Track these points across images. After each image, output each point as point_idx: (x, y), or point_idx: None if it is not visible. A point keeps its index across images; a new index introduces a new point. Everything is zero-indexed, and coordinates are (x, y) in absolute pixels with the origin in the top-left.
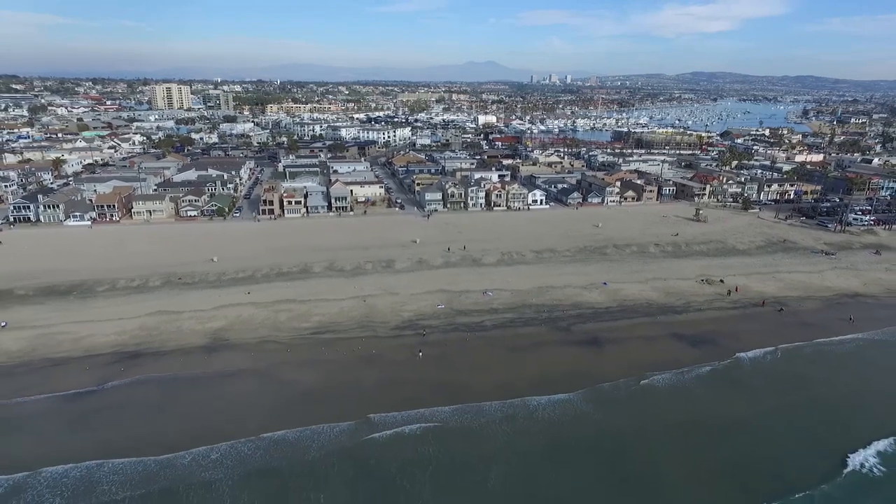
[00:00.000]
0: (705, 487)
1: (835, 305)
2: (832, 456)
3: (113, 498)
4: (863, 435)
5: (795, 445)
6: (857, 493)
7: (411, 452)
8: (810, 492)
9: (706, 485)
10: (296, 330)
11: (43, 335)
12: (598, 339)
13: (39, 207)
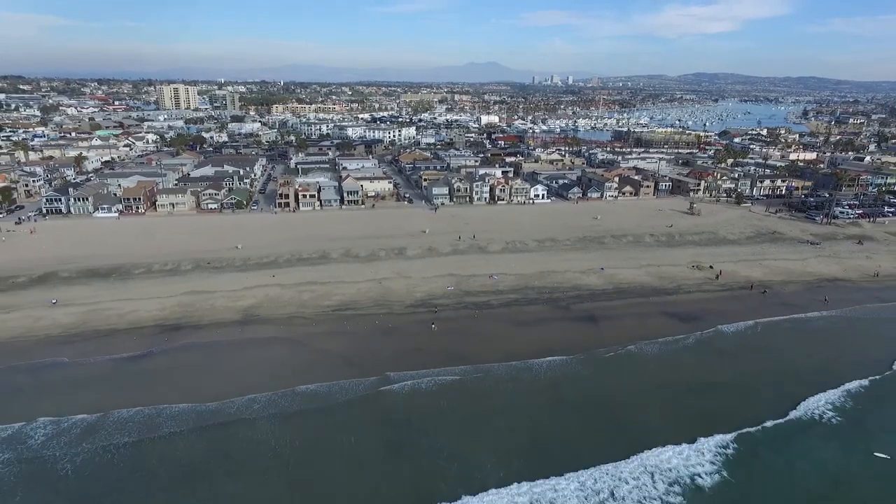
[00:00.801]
0: (678, 426)
1: (815, 288)
2: (788, 402)
3: (174, 431)
4: (818, 387)
5: (759, 395)
6: (804, 426)
7: (425, 402)
8: (764, 425)
9: (680, 424)
10: (319, 307)
11: (91, 311)
12: (595, 316)
13: (70, 200)
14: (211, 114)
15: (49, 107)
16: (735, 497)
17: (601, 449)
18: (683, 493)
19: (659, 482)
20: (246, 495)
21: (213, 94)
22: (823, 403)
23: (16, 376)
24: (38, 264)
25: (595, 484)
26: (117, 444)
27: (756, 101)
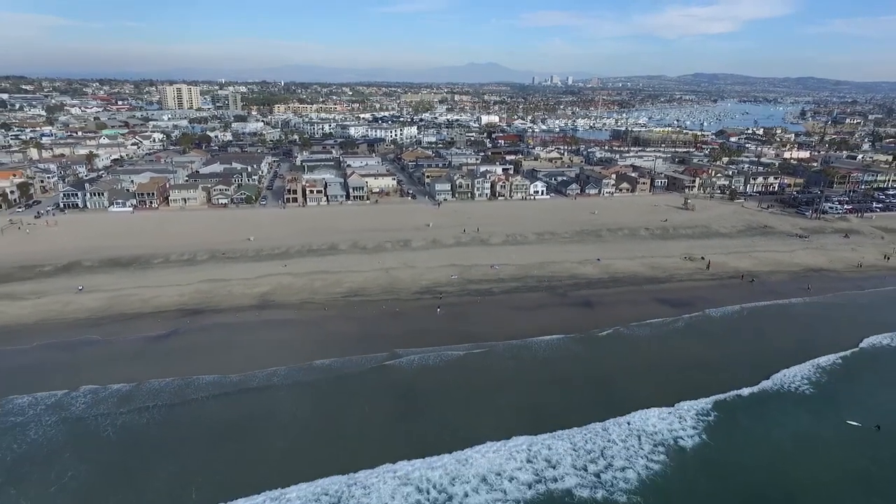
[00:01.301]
0: (663, 393)
1: (800, 278)
2: (764, 373)
3: (203, 397)
4: (792, 361)
5: (739, 368)
6: (780, 396)
7: (431, 373)
8: (741, 394)
9: (664, 391)
10: (330, 294)
11: (115, 296)
12: (591, 302)
13: (86, 195)
14: (214, 113)
15: (54, 106)
16: (714, 457)
17: (592, 410)
18: (667, 453)
19: (645, 444)
20: (270, 448)
21: (215, 95)
22: (797, 376)
23: (55, 352)
24: (62, 254)
25: (586, 445)
26: (153, 408)
27: (755, 102)
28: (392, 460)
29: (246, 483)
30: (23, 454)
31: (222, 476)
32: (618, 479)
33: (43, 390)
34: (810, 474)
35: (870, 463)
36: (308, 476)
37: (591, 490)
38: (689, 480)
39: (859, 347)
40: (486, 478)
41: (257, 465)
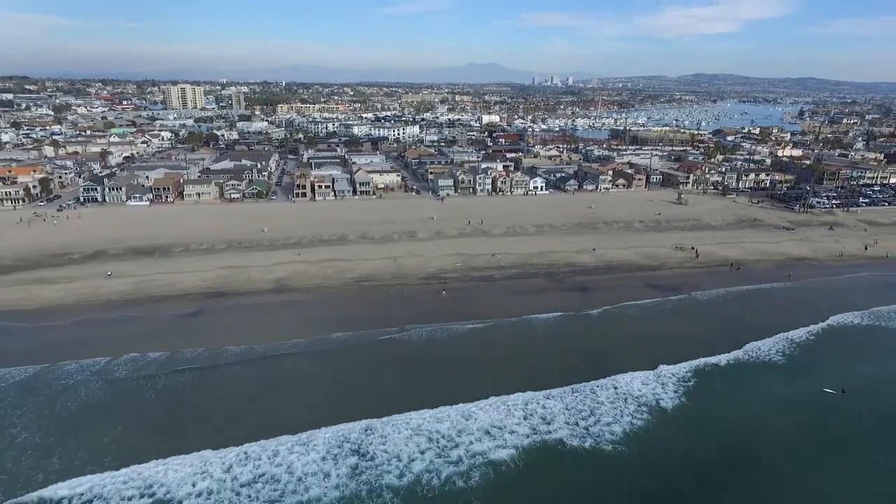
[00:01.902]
0: (647, 359)
1: (783, 266)
2: (736, 343)
3: (232, 363)
4: (765, 335)
5: (718, 340)
6: (755, 366)
7: (438, 345)
8: (719, 363)
9: (648, 358)
10: (342, 279)
11: (142, 281)
12: (586, 287)
13: (105, 189)
14: (218, 113)
15: (61, 106)
16: (691, 415)
17: (583, 375)
18: (649, 412)
19: (630, 405)
20: (295, 402)
21: (218, 95)
22: (769, 348)
23: (94, 327)
24: (88, 244)
25: (577, 405)
26: (188, 372)
27: (754, 102)
28: (404, 411)
29: (276, 427)
30: (77, 410)
31: (255, 423)
32: (604, 431)
33: (88, 358)
34: (779, 430)
35: (834, 421)
36: (330, 424)
37: (580, 440)
38: (668, 435)
39: (827, 323)
40: (489, 431)
41: (284, 415)
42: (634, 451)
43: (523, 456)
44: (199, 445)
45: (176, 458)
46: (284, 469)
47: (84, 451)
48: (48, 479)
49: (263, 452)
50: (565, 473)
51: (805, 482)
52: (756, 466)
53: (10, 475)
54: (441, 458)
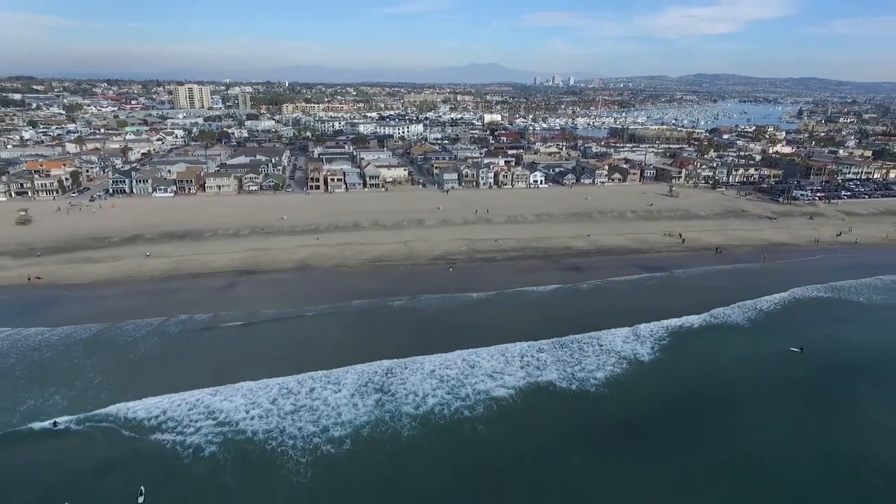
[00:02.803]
0: (628, 319)
1: (762, 250)
2: (708, 309)
3: (267, 322)
4: (731, 302)
5: (691, 306)
6: (717, 325)
7: (447, 310)
8: (693, 326)
9: (629, 318)
10: (358, 260)
11: (178, 261)
12: (580, 267)
13: (133, 182)
14: (226, 112)
15: (73, 106)
16: (665, 366)
17: (571, 330)
18: (629, 363)
19: (612, 357)
20: (325, 348)
21: (225, 94)
22: (735, 312)
23: (143, 297)
24: (124, 229)
25: (566, 357)
26: (230, 329)
27: (755, 102)
28: (418, 354)
29: (311, 367)
30: (142, 355)
31: (292, 364)
32: (588, 377)
33: (144, 318)
34: (742, 378)
35: (792, 371)
36: (357, 363)
37: (567, 383)
38: (644, 381)
39: (789, 294)
40: (491, 374)
41: (317, 358)
42: (614, 393)
43: (519, 394)
44: (246, 379)
45: (227, 386)
46: (321, 402)
47: (151, 383)
48: (125, 399)
49: (301, 388)
50: (554, 408)
51: (763, 417)
52: (721, 405)
53: (92, 397)
54: (450, 395)
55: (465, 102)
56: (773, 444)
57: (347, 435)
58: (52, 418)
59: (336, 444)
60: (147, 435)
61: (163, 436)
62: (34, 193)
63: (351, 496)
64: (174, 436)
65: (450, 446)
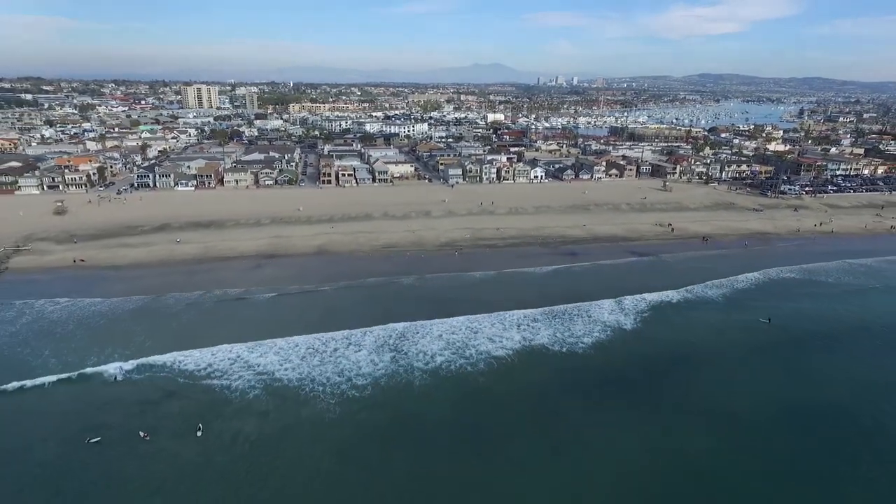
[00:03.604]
0: (614, 293)
1: (745, 238)
2: (684, 285)
3: (293, 294)
4: (712, 280)
5: (672, 283)
6: (692, 299)
7: (453, 287)
8: (672, 301)
9: (615, 292)
10: (371, 246)
11: (206, 246)
12: (575, 252)
13: (156, 176)
14: (235, 112)
15: (86, 106)
16: (645, 334)
17: (563, 301)
18: (613, 331)
19: (598, 325)
20: (348, 313)
21: (232, 95)
22: (714, 289)
23: (178, 276)
24: (153, 219)
25: (557, 325)
26: (261, 301)
27: (758, 102)
28: (427, 319)
29: (335, 328)
30: (184, 322)
31: (318, 327)
32: (577, 341)
33: (184, 292)
34: (714, 343)
35: (759, 339)
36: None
37: (558, 346)
38: (626, 346)
39: (762, 273)
40: (491, 338)
41: (339, 322)
42: (599, 353)
43: (516, 354)
44: (278, 339)
45: (262, 345)
46: (343, 358)
47: (196, 341)
48: (175, 351)
49: (326, 348)
50: (546, 366)
51: (728, 373)
52: (692, 363)
53: (148, 351)
54: (456, 355)
55: (468, 102)
56: (736, 394)
57: (368, 383)
58: (116, 368)
59: (359, 390)
60: (198, 381)
61: (212, 382)
62: (65, 187)
63: (372, 427)
64: (221, 381)
65: (455, 393)
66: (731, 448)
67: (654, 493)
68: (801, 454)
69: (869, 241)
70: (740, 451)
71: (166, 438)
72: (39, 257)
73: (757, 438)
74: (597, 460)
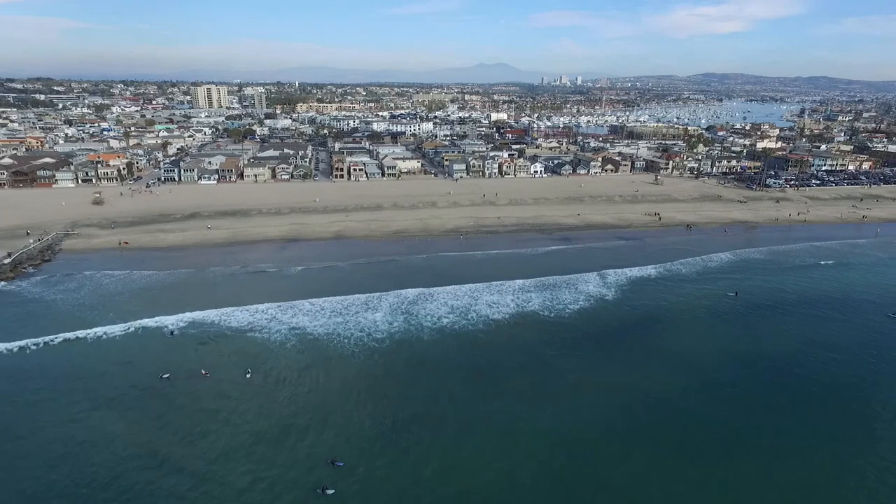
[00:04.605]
0: (598, 267)
1: (726, 226)
2: (663, 262)
3: (318, 268)
4: (689, 256)
5: (651, 260)
6: (667, 275)
7: (458, 264)
8: (650, 276)
9: (599, 266)
10: (383, 232)
11: (235, 232)
12: (569, 238)
13: (181, 171)
14: (245, 112)
15: (101, 106)
16: (624, 302)
17: (553, 274)
18: (596, 301)
19: (583, 295)
20: (363, 280)
21: (241, 95)
22: (688, 266)
23: (215, 255)
24: (183, 208)
25: (547, 294)
26: (293, 274)
27: (761, 101)
28: (434, 286)
29: (355, 292)
30: (226, 290)
31: (341, 292)
32: (564, 308)
33: (223, 266)
34: (685, 310)
35: (724, 307)
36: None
37: (548, 312)
38: (607, 312)
39: (732, 253)
40: (490, 304)
41: (358, 289)
42: (583, 317)
43: (511, 318)
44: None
45: (293, 306)
46: (363, 318)
47: (237, 302)
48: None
49: (348, 311)
50: (536, 326)
51: (693, 333)
52: (665, 325)
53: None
54: (459, 317)
55: (472, 102)
56: (700, 347)
57: (385, 337)
58: (173, 323)
59: (377, 342)
60: (243, 334)
61: (254, 335)
62: (97, 181)
63: (390, 367)
64: (262, 335)
65: (458, 345)
66: (693, 385)
67: (627, 416)
68: (752, 391)
69: (839, 228)
70: (702, 388)
71: (222, 377)
72: (87, 240)
73: (716, 379)
74: (577, 393)
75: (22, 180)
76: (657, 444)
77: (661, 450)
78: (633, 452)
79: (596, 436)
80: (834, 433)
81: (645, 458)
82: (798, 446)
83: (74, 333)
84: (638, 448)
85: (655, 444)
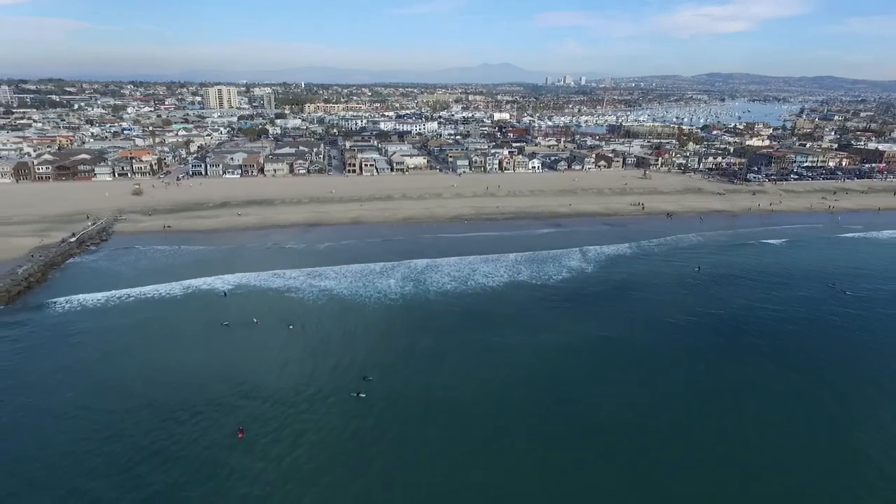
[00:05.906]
0: (583, 243)
1: (702, 214)
2: (637, 240)
3: (341, 246)
4: (664, 236)
5: (627, 240)
6: (640, 253)
7: (461, 241)
8: (626, 254)
9: (582, 244)
10: (394, 219)
11: (262, 218)
12: (559, 223)
13: (208, 166)
14: (255, 112)
15: (118, 106)
16: (602, 275)
17: (540, 249)
18: (578, 273)
19: (565, 268)
20: (376, 257)
21: (250, 95)
22: (660, 244)
23: (248, 238)
24: (214, 198)
25: (536, 267)
26: (320, 250)
27: (764, 101)
28: (441, 257)
29: (378, 260)
30: (264, 260)
31: (360, 261)
32: (549, 278)
33: (259, 243)
34: (654, 282)
35: (688, 279)
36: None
37: (535, 280)
38: (587, 282)
39: (699, 233)
40: (486, 274)
41: (375, 259)
42: (564, 285)
43: (503, 285)
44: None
45: (320, 273)
46: (380, 282)
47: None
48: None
49: (365, 279)
50: (525, 291)
51: (659, 297)
52: (635, 291)
53: (242, 274)
54: (459, 284)
55: (476, 102)
56: (664, 308)
57: (398, 297)
58: (223, 284)
59: (392, 301)
60: (282, 294)
61: (291, 295)
62: (132, 175)
63: (403, 318)
64: (298, 295)
65: (459, 304)
66: (655, 336)
67: (591, 351)
68: (708, 341)
69: (805, 216)
70: (665, 335)
71: (270, 327)
72: (135, 224)
73: (678, 330)
74: (553, 333)
75: (64, 174)
76: (613, 370)
77: (618, 375)
78: (595, 378)
79: (563, 359)
80: (777, 375)
81: (602, 380)
82: (744, 384)
83: (142, 291)
84: (601, 374)
85: (611, 369)
